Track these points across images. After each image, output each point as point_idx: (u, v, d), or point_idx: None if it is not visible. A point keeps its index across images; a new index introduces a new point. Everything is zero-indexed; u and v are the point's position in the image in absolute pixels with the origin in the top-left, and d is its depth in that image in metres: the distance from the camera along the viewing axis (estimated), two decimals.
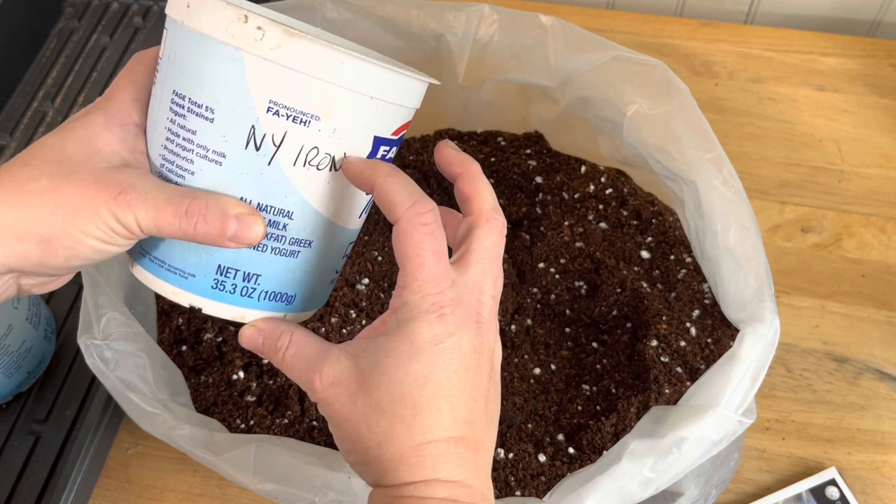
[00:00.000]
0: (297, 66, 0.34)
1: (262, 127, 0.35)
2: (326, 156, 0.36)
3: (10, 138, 0.78)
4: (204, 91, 0.35)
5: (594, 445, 0.50)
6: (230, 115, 0.35)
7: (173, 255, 0.38)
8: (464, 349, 0.35)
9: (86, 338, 0.49)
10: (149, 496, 0.58)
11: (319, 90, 0.35)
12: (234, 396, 0.54)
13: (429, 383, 0.34)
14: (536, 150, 0.65)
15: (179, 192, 0.36)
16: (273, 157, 0.35)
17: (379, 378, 0.35)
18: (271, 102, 0.35)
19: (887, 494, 0.56)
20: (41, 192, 0.35)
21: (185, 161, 0.36)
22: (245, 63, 0.34)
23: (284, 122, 0.35)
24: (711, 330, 0.54)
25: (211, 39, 0.34)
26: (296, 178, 0.36)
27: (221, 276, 0.38)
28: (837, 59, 0.78)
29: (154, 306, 0.57)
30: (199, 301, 0.38)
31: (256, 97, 0.34)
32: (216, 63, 0.35)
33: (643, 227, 0.60)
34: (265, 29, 0.33)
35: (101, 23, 0.85)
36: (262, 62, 0.34)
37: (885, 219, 0.68)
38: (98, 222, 0.35)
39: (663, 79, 0.52)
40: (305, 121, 0.35)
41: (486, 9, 0.56)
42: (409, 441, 0.34)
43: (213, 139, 0.36)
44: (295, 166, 0.36)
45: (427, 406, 0.34)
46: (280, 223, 0.37)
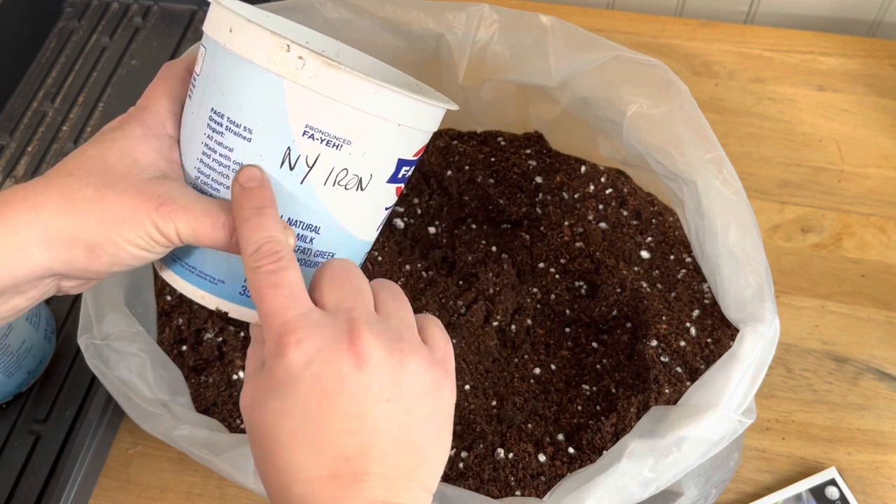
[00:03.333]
0: (333, 94, 0.36)
1: (297, 149, 0.37)
2: (355, 177, 0.39)
3: (10, 138, 0.78)
4: (243, 112, 0.37)
5: (594, 445, 0.50)
6: (267, 136, 0.37)
7: (204, 262, 0.40)
8: (326, 377, 0.32)
9: (86, 338, 0.49)
10: (149, 496, 0.58)
11: (352, 117, 0.37)
12: (235, 396, 0.54)
13: (285, 421, 0.33)
14: (536, 150, 0.65)
15: (217, 204, 0.37)
16: (306, 176, 0.38)
17: (253, 414, 0.34)
18: (307, 126, 0.37)
19: (887, 494, 0.56)
20: (87, 201, 0.36)
21: (222, 176, 0.38)
22: (284, 89, 0.36)
23: (318, 145, 0.37)
24: (711, 330, 0.54)
25: (252, 64, 0.36)
26: (325, 196, 0.38)
27: None
28: (837, 59, 0.78)
29: (154, 306, 0.57)
30: (226, 305, 0.40)
31: (293, 121, 0.37)
32: (256, 86, 0.37)
33: (643, 227, 0.60)
34: (306, 59, 0.36)
35: (101, 23, 0.85)
36: (300, 89, 0.36)
37: (885, 219, 0.68)
38: (140, 231, 0.36)
39: (663, 79, 0.52)
40: (338, 145, 0.37)
41: (486, 9, 0.56)
42: (277, 481, 0.33)
43: (249, 157, 0.38)
44: (325, 186, 0.38)
45: (286, 446, 0.33)
46: (307, 237, 0.39)
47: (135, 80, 0.81)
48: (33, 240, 0.36)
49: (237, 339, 0.56)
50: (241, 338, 0.56)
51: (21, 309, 0.39)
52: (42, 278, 0.37)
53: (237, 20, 0.37)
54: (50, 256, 0.36)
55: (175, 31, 0.84)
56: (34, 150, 0.77)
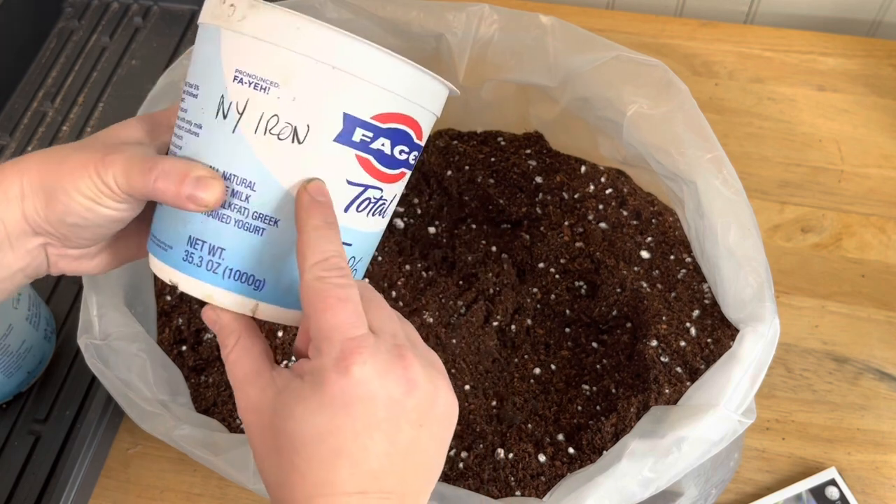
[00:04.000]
0: (258, 34, 0.36)
1: (228, 95, 0.37)
2: (287, 125, 0.37)
3: (10, 138, 0.78)
4: (194, 71, 0.39)
5: (594, 445, 0.50)
6: (207, 88, 0.38)
7: (159, 228, 0.41)
8: (378, 401, 0.33)
9: (86, 338, 0.49)
10: (149, 496, 0.58)
11: (278, 56, 0.37)
12: None
13: (329, 439, 0.33)
14: (536, 150, 0.65)
15: (155, 157, 0.39)
16: (237, 124, 0.37)
17: (285, 423, 0.34)
18: (237, 71, 0.37)
19: (887, 494, 0.56)
20: (57, 157, 0.40)
21: (178, 138, 0.40)
22: (220, 37, 0.38)
23: (247, 89, 0.37)
24: (711, 330, 0.54)
25: (203, 24, 0.39)
26: (257, 146, 0.37)
27: (191, 247, 0.39)
28: (837, 59, 0.78)
29: (154, 306, 0.57)
30: (175, 275, 0.40)
31: (226, 67, 0.37)
32: (203, 43, 0.39)
33: (643, 227, 0.60)
34: (235, 4, 0.37)
35: (101, 23, 0.85)
36: (231, 35, 0.37)
37: (885, 219, 0.68)
38: (85, 179, 0.39)
39: (663, 79, 0.52)
40: (265, 87, 0.37)
41: (486, 9, 0.56)
42: (302, 492, 0.33)
43: (195, 113, 0.39)
44: (256, 134, 0.37)
45: (324, 462, 0.33)
46: (243, 194, 0.38)
47: (135, 80, 0.81)
48: (15, 192, 0.40)
49: None
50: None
51: (14, 271, 0.41)
52: (27, 235, 0.41)
53: None
54: (23, 206, 0.40)
55: (175, 31, 0.84)
56: (34, 150, 0.77)
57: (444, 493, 0.45)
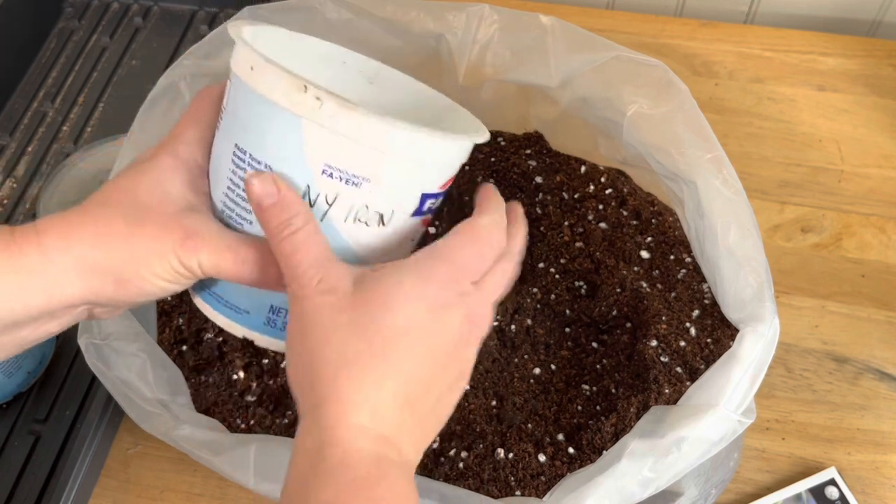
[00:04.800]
0: (350, 134, 0.36)
1: (316, 187, 0.37)
2: (376, 213, 0.39)
3: (10, 138, 0.78)
4: (264, 150, 0.38)
5: (594, 445, 0.50)
6: (287, 174, 0.37)
7: (230, 293, 0.41)
8: (455, 328, 0.36)
9: (86, 338, 0.49)
10: (149, 496, 0.58)
11: (370, 156, 0.37)
12: (235, 396, 0.54)
13: (421, 333, 0.35)
14: (536, 150, 0.65)
15: (238, 239, 0.38)
16: (326, 213, 0.38)
17: (377, 302, 0.35)
18: (326, 165, 0.37)
19: (887, 494, 0.56)
20: (117, 235, 0.38)
21: (246, 211, 0.39)
22: (303, 128, 0.36)
23: (337, 183, 0.37)
24: (711, 330, 0.54)
25: (272, 103, 0.37)
26: (345, 232, 0.39)
27: (273, 314, 0.41)
28: (837, 59, 0.78)
29: (154, 306, 0.57)
30: (251, 335, 0.42)
31: (312, 160, 0.37)
32: (275, 125, 0.37)
33: (643, 227, 0.60)
34: (323, 100, 0.36)
35: (101, 23, 0.85)
36: (318, 129, 0.36)
37: (885, 219, 0.68)
38: (165, 264, 0.38)
39: (663, 79, 0.52)
40: (357, 183, 0.37)
41: (486, 9, 0.56)
42: (369, 376, 0.34)
43: None
44: (346, 222, 0.38)
45: (402, 355, 0.35)
46: None
47: (135, 80, 0.81)
48: (68, 269, 0.37)
49: (237, 340, 0.56)
50: (241, 338, 0.56)
51: (52, 333, 0.40)
52: (75, 306, 0.39)
53: (257, 59, 0.37)
54: (82, 286, 0.38)
55: (175, 31, 0.84)
56: (34, 150, 0.77)
57: (444, 493, 0.45)
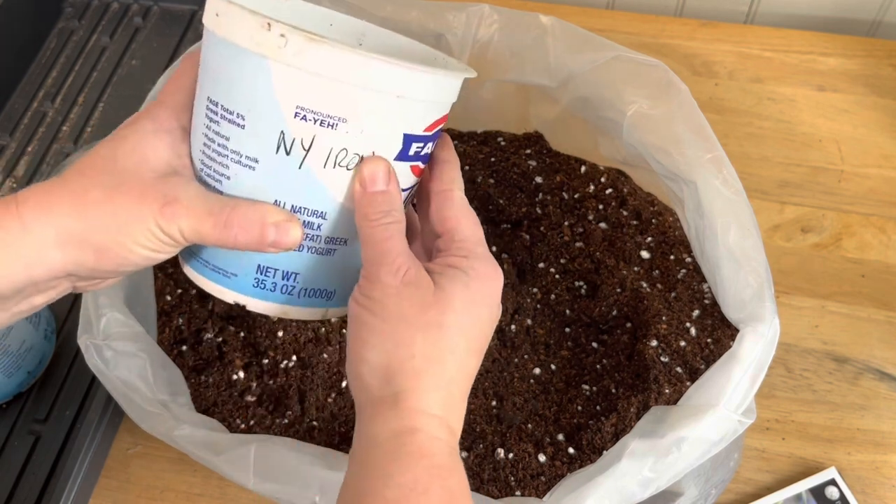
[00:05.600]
0: (320, 70, 0.34)
1: (290, 132, 0.36)
2: (356, 156, 0.37)
3: (10, 138, 0.78)
4: (234, 98, 0.36)
5: (594, 445, 0.50)
6: (260, 121, 0.36)
7: (217, 256, 0.40)
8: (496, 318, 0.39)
9: (86, 338, 0.49)
10: (149, 496, 0.58)
11: (344, 93, 0.35)
12: (235, 396, 0.54)
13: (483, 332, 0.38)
14: (536, 150, 0.65)
15: (219, 202, 0.37)
16: (303, 160, 0.36)
17: (456, 304, 0.36)
18: (298, 108, 0.35)
19: (887, 494, 0.56)
20: (96, 203, 0.37)
21: (221, 166, 0.38)
22: (271, 70, 0.35)
23: (312, 126, 0.36)
24: (711, 330, 0.54)
25: (238, 47, 0.35)
26: (327, 179, 0.37)
27: (262, 275, 0.39)
28: (837, 59, 0.78)
29: (154, 306, 0.57)
30: (242, 299, 0.40)
31: (283, 103, 0.35)
32: (244, 70, 0.35)
33: (643, 227, 0.60)
34: (288, 36, 0.34)
35: (101, 23, 0.85)
36: (286, 69, 0.35)
37: (885, 219, 0.68)
38: (146, 233, 0.37)
39: (663, 79, 0.52)
40: (333, 124, 0.36)
41: (486, 9, 0.56)
42: (449, 370, 0.36)
43: (245, 145, 0.36)
44: (325, 168, 0.37)
45: (471, 355, 0.37)
46: (314, 223, 0.38)
47: (135, 80, 0.81)
48: (47, 240, 0.37)
49: (237, 339, 0.56)
50: (241, 338, 0.56)
51: (38, 305, 0.40)
52: (58, 278, 0.38)
53: (220, 3, 0.35)
54: (62, 257, 0.37)
55: (175, 31, 0.84)
56: (34, 150, 0.77)
57: None
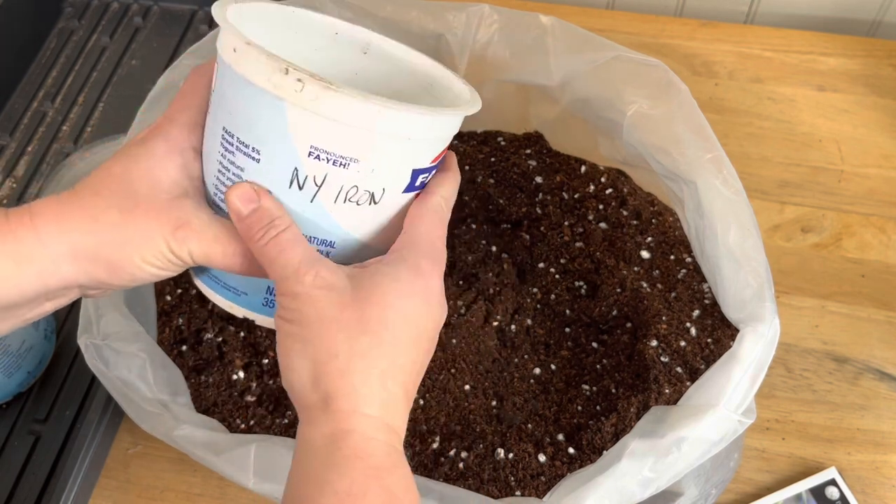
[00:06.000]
0: (334, 116, 0.36)
1: (304, 169, 0.37)
2: (366, 192, 0.39)
3: (10, 138, 0.78)
4: (250, 133, 0.37)
5: (594, 445, 0.50)
6: (274, 157, 0.37)
7: (227, 276, 0.42)
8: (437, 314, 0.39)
9: (86, 338, 0.49)
10: (149, 496, 0.58)
11: (357, 137, 0.37)
12: (235, 396, 0.54)
13: (415, 325, 0.37)
14: (536, 150, 0.65)
15: (228, 232, 0.39)
16: (315, 195, 0.38)
17: (377, 298, 0.36)
18: (312, 147, 0.37)
19: (887, 494, 0.56)
20: (110, 223, 0.39)
21: None
22: (286, 111, 0.36)
23: (325, 165, 0.37)
24: (711, 330, 0.54)
25: (255, 86, 0.36)
26: (337, 213, 0.39)
27: (270, 295, 0.41)
28: (837, 59, 0.78)
29: (154, 306, 0.57)
30: (251, 315, 0.42)
31: (298, 142, 0.36)
32: (260, 108, 0.37)
33: (643, 227, 0.60)
34: (304, 82, 0.35)
35: (101, 23, 0.85)
36: (301, 111, 0.36)
37: (885, 219, 0.68)
38: (156, 252, 0.39)
39: (663, 79, 0.52)
40: (345, 164, 0.37)
41: (486, 9, 0.56)
42: (378, 366, 0.36)
43: (259, 177, 0.38)
44: (336, 203, 0.38)
45: (403, 347, 0.37)
46: (323, 251, 0.40)
47: (135, 80, 0.81)
48: (61, 254, 0.38)
49: (237, 339, 0.56)
50: (241, 338, 0.56)
51: (47, 311, 0.41)
52: (69, 288, 0.40)
53: (238, 41, 0.36)
54: (75, 270, 0.39)
55: (175, 31, 0.84)
56: (34, 150, 0.77)
57: (444, 493, 0.45)
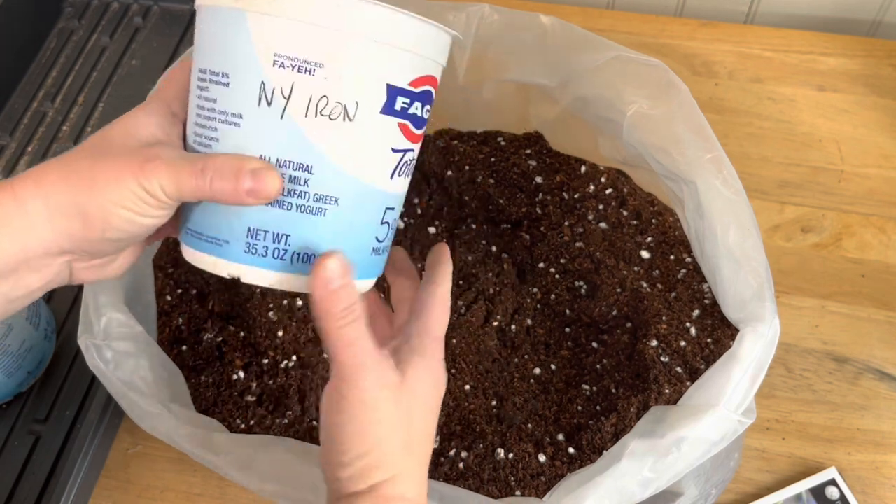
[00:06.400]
0: (294, 14, 0.35)
1: (270, 81, 0.36)
2: (338, 104, 0.37)
3: (10, 138, 0.78)
4: (217, 59, 0.37)
5: (594, 445, 0.50)
6: (242, 76, 0.36)
7: (206, 224, 0.39)
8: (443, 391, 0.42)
9: (86, 338, 0.49)
10: (149, 496, 0.58)
11: (319, 36, 0.35)
12: (234, 396, 0.54)
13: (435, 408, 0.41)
14: (536, 150, 0.65)
15: (199, 154, 0.38)
16: (284, 109, 0.36)
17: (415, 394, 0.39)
18: (275, 55, 0.36)
19: (887, 494, 0.56)
20: (82, 170, 0.37)
21: (210, 130, 0.38)
22: (248, 21, 0.36)
23: (290, 73, 0.36)
24: (711, 330, 0.54)
25: (217, 8, 0.36)
26: (309, 129, 0.37)
27: (252, 238, 0.38)
28: (837, 59, 0.78)
29: (154, 306, 0.57)
30: (235, 269, 0.39)
31: (261, 52, 0.36)
32: (224, 28, 0.36)
33: (643, 227, 0.60)
34: None
35: (101, 23, 0.85)
36: (262, 17, 0.35)
37: (885, 219, 0.68)
38: (126, 192, 0.37)
39: (663, 79, 0.52)
40: (310, 69, 0.36)
41: (486, 9, 0.56)
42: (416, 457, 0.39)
43: (230, 102, 0.37)
44: (307, 117, 0.36)
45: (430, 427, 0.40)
46: (301, 178, 0.37)
47: (135, 80, 0.81)
48: (39, 213, 0.37)
49: (237, 339, 0.56)
50: (241, 338, 0.56)
51: (34, 290, 0.39)
52: (52, 255, 0.38)
53: None
54: (53, 228, 0.37)
55: (175, 31, 0.84)
56: (34, 150, 0.77)
57: (444, 493, 0.45)
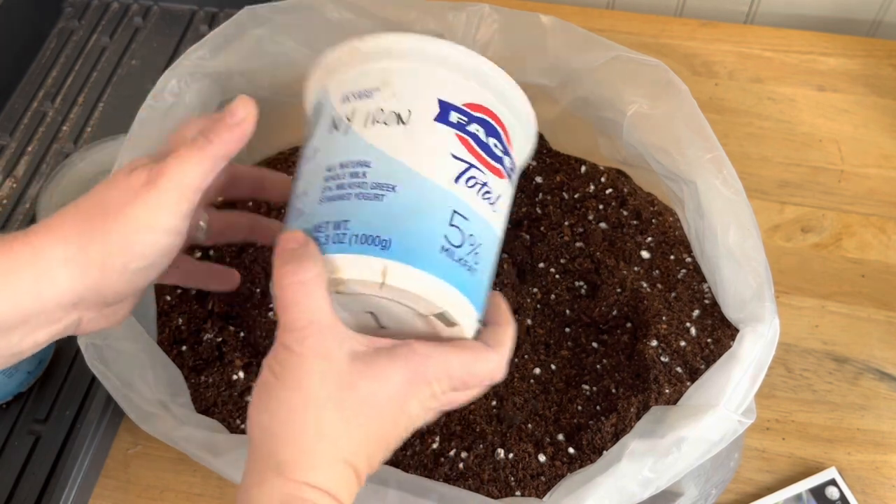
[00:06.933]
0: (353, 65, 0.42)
1: (338, 114, 0.42)
2: (392, 113, 0.41)
3: (10, 138, 0.78)
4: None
5: (594, 445, 0.50)
6: (322, 122, 0.42)
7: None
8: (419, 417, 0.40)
9: (86, 338, 0.49)
10: (149, 496, 0.58)
11: (374, 71, 0.42)
12: (234, 396, 0.54)
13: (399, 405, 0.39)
14: (536, 150, 0.65)
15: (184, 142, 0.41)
16: (349, 128, 0.41)
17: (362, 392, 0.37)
18: (343, 96, 0.42)
19: (887, 494, 0.56)
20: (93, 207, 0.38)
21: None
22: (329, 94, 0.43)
23: (352, 102, 0.42)
24: (711, 330, 0.54)
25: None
26: (367, 135, 0.41)
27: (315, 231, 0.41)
28: (837, 59, 0.78)
29: (154, 306, 0.57)
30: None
31: (334, 98, 0.43)
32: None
33: (643, 227, 0.60)
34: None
35: (101, 23, 0.85)
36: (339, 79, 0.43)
37: (885, 219, 0.68)
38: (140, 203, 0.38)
39: (663, 79, 0.52)
40: (368, 95, 0.42)
41: (486, 9, 0.56)
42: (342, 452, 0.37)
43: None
44: (366, 127, 0.41)
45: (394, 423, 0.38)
46: (359, 172, 0.40)
47: (135, 80, 0.81)
48: (55, 259, 0.37)
49: (237, 339, 0.56)
50: (241, 338, 0.56)
51: (40, 344, 0.39)
52: (64, 307, 0.38)
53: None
54: (69, 275, 0.37)
55: (175, 31, 0.84)
56: (34, 150, 0.77)
57: (444, 493, 0.45)
